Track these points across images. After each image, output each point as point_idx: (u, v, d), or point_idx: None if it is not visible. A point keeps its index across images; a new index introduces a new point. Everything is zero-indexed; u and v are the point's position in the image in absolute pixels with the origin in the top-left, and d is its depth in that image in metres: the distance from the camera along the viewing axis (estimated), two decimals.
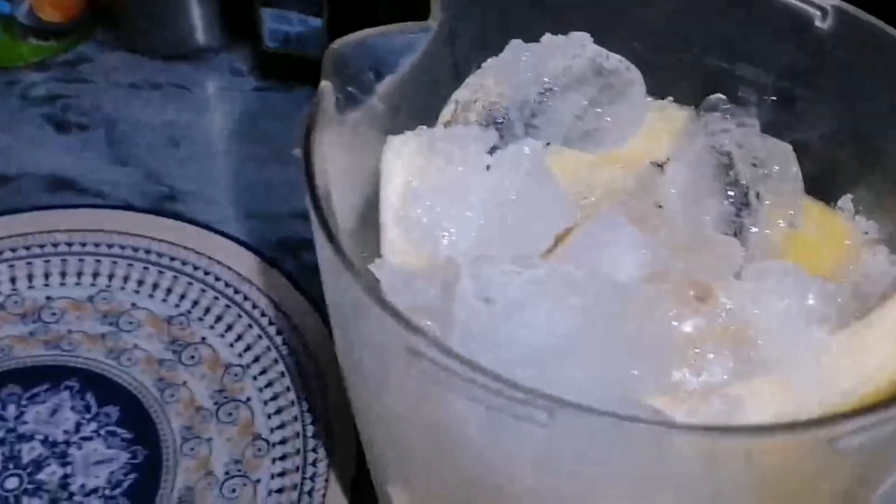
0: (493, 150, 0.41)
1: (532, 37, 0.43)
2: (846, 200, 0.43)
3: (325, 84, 0.37)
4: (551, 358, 0.34)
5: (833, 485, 0.33)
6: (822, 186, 0.43)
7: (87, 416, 0.55)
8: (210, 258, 0.62)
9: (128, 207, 0.65)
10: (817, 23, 0.41)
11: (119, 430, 0.55)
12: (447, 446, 0.33)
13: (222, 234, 0.63)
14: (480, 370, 0.29)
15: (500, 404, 0.29)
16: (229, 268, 0.62)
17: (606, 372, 0.34)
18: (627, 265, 0.38)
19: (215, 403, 0.56)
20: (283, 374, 0.57)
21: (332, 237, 0.32)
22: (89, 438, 0.54)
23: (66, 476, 0.53)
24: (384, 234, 0.40)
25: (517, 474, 0.32)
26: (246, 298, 0.60)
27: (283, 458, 0.54)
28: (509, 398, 0.29)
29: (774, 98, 0.43)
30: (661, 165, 0.43)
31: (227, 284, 0.61)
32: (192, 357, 0.58)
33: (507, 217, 0.40)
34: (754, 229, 0.40)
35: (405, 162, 0.40)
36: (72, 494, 0.52)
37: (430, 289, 0.37)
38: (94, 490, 0.52)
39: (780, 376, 0.36)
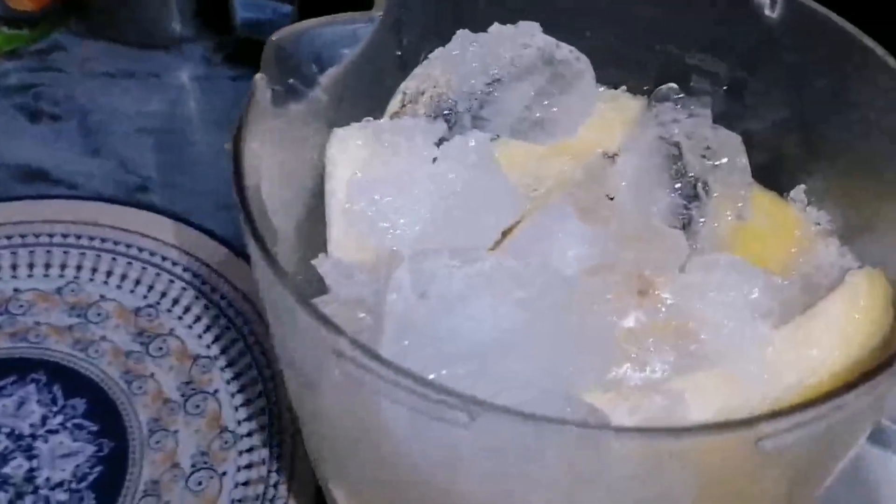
0: (441, 142, 0.41)
1: (480, 27, 0.43)
2: (798, 191, 0.43)
3: (258, 77, 0.36)
4: (493, 352, 0.34)
5: (771, 484, 0.33)
6: (775, 177, 0.43)
7: (54, 409, 0.55)
8: (178, 249, 0.62)
9: (97, 198, 0.65)
10: (766, 11, 0.41)
11: (85, 423, 0.54)
12: (377, 446, 0.32)
13: (191, 224, 0.62)
14: (401, 372, 0.29)
15: (421, 406, 0.29)
16: (198, 258, 0.61)
17: (549, 366, 0.34)
18: (572, 258, 0.37)
19: (183, 395, 0.56)
20: (250, 367, 0.57)
21: (257, 234, 0.32)
22: (55, 431, 0.54)
23: (31, 469, 0.52)
24: (330, 227, 0.40)
25: (444, 475, 0.31)
26: (214, 290, 0.60)
27: (249, 450, 0.53)
28: (430, 400, 0.28)
29: (726, 87, 0.43)
30: (612, 156, 0.42)
31: (195, 275, 0.60)
32: (160, 349, 0.58)
33: (453, 210, 0.40)
34: (703, 221, 0.40)
35: (350, 154, 0.40)
36: (37, 488, 0.52)
37: (371, 282, 0.37)
38: (60, 483, 0.52)
39: (723, 370, 0.36)
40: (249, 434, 0.54)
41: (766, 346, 0.36)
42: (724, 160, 0.40)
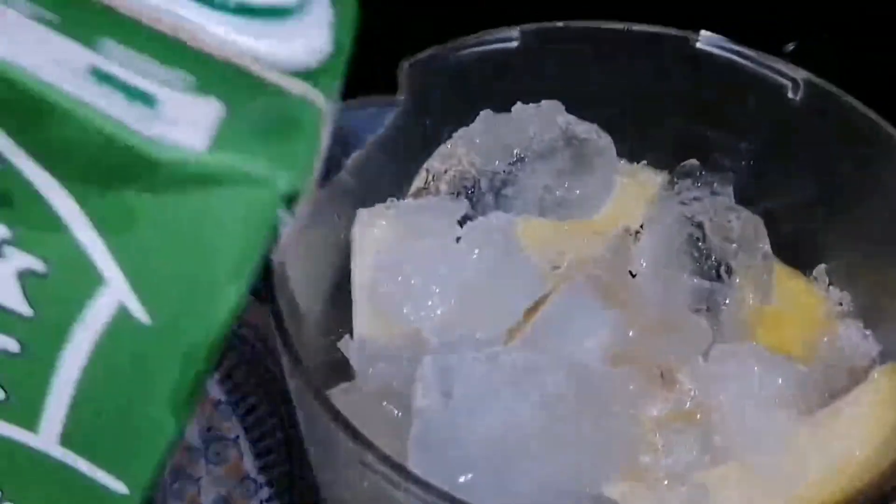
0: (464, 220, 0.41)
1: (503, 106, 0.43)
2: (820, 271, 0.43)
3: None
4: (517, 453, 0.34)
5: None
6: (797, 254, 0.43)
7: None
8: None
9: None
10: (789, 94, 0.41)
11: None
12: None
13: None
14: (430, 488, 0.29)
15: None
16: None
17: (573, 462, 0.35)
18: (593, 345, 0.38)
19: (204, 442, 0.56)
20: (271, 414, 0.57)
21: (290, 345, 0.32)
22: None
23: None
24: (355, 308, 0.40)
25: None
26: (235, 335, 0.60)
27: (269, 499, 0.54)
28: None
29: (750, 164, 0.43)
30: (635, 233, 0.42)
31: None
32: None
33: (476, 291, 0.40)
34: (726, 303, 0.40)
35: (375, 235, 0.41)
36: None
37: (396, 368, 0.37)
38: None
39: (746, 463, 0.36)
40: (270, 482, 0.54)
41: (789, 438, 0.36)
42: (746, 243, 0.40)
